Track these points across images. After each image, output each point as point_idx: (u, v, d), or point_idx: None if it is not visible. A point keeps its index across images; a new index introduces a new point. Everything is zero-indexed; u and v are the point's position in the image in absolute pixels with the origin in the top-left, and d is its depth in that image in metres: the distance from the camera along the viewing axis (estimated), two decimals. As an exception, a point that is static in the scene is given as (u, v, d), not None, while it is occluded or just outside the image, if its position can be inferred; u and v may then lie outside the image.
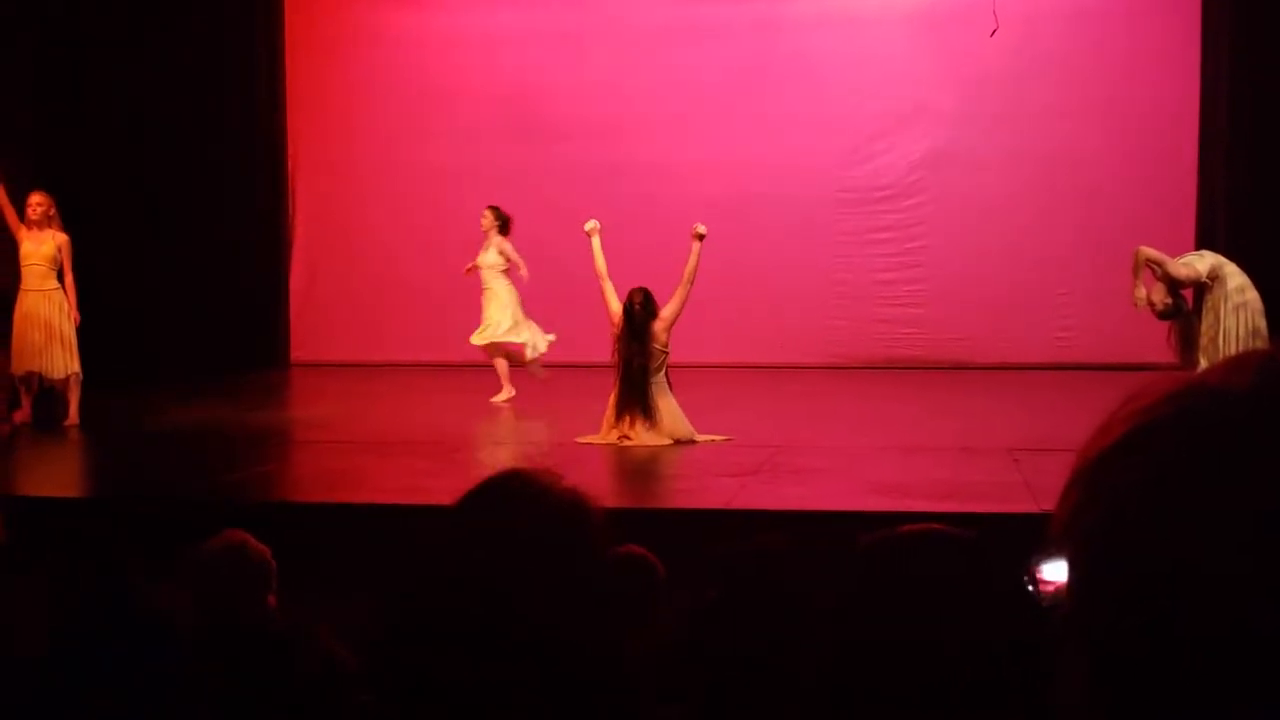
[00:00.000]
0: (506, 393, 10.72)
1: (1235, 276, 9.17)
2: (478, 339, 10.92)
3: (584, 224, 9.20)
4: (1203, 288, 9.11)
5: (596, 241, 9.03)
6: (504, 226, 11.00)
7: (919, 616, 1.51)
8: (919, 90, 13.00)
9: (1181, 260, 9.29)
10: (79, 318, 9.63)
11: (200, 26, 12.85)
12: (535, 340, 10.83)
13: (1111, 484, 0.75)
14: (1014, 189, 12.84)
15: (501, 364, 10.86)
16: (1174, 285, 9.18)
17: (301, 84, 13.86)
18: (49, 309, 9.52)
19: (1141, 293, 9.21)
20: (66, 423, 9.49)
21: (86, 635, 2.37)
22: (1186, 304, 9.24)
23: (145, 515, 6.32)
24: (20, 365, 9.48)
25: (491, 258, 10.96)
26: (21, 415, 9.55)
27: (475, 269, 11.03)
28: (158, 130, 12.58)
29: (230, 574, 3.46)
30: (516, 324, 10.86)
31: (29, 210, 9.52)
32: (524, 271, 10.89)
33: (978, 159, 12.89)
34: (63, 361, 9.51)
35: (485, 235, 11.02)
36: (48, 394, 9.70)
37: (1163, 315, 9.25)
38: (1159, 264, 9.15)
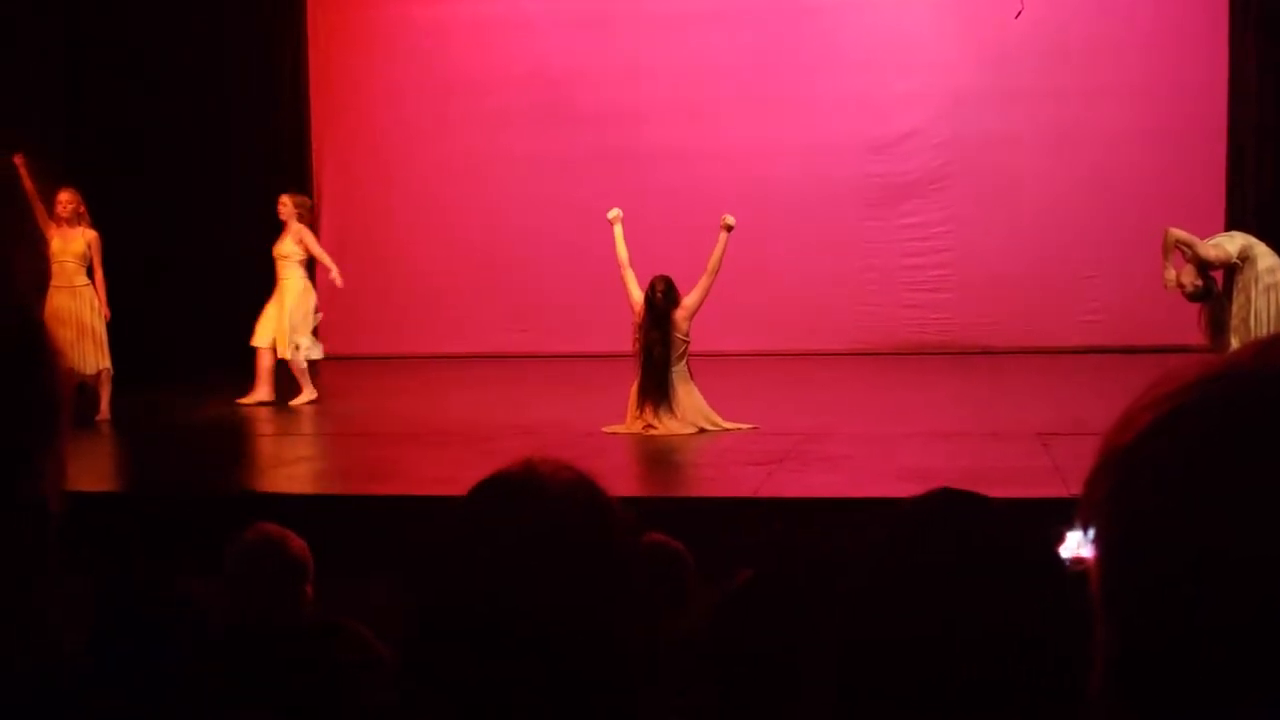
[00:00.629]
0: (308, 394, 10.34)
1: (1266, 257, 9.13)
2: (262, 343, 10.39)
3: (607, 212, 9.22)
4: (1233, 269, 9.08)
5: (619, 230, 9.05)
6: (305, 215, 10.55)
7: (947, 586, 1.52)
8: (945, 73, 12.95)
9: (1211, 241, 9.25)
10: (109, 313, 9.72)
11: (224, 19, 12.91)
12: (309, 349, 10.46)
13: (1142, 470, 0.74)
14: (1041, 171, 12.78)
15: (268, 361, 10.41)
16: (1204, 266, 9.15)
17: (324, 75, 13.90)
18: (79, 305, 9.61)
19: (1171, 274, 9.18)
20: (98, 418, 9.58)
21: (125, 631, 2.41)
22: (1217, 285, 9.20)
23: (178, 510, 6.39)
24: None
25: (288, 247, 10.45)
26: None
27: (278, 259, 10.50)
28: (183, 125, 12.65)
29: (269, 567, 3.48)
30: (298, 329, 10.40)
31: (58, 208, 9.61)
32: (335, 275, 10.49)
33: (1004, 141, 12.84)
34: (93, 357, 9.60)
35: (285, 223, 10.52)
36: (80, 390, 9.78)
37: (1193, 297, 9.21)
38: (1189, 245, 9.11)
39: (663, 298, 8.65)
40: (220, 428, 9.55)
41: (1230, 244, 9.20)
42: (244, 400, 10.23)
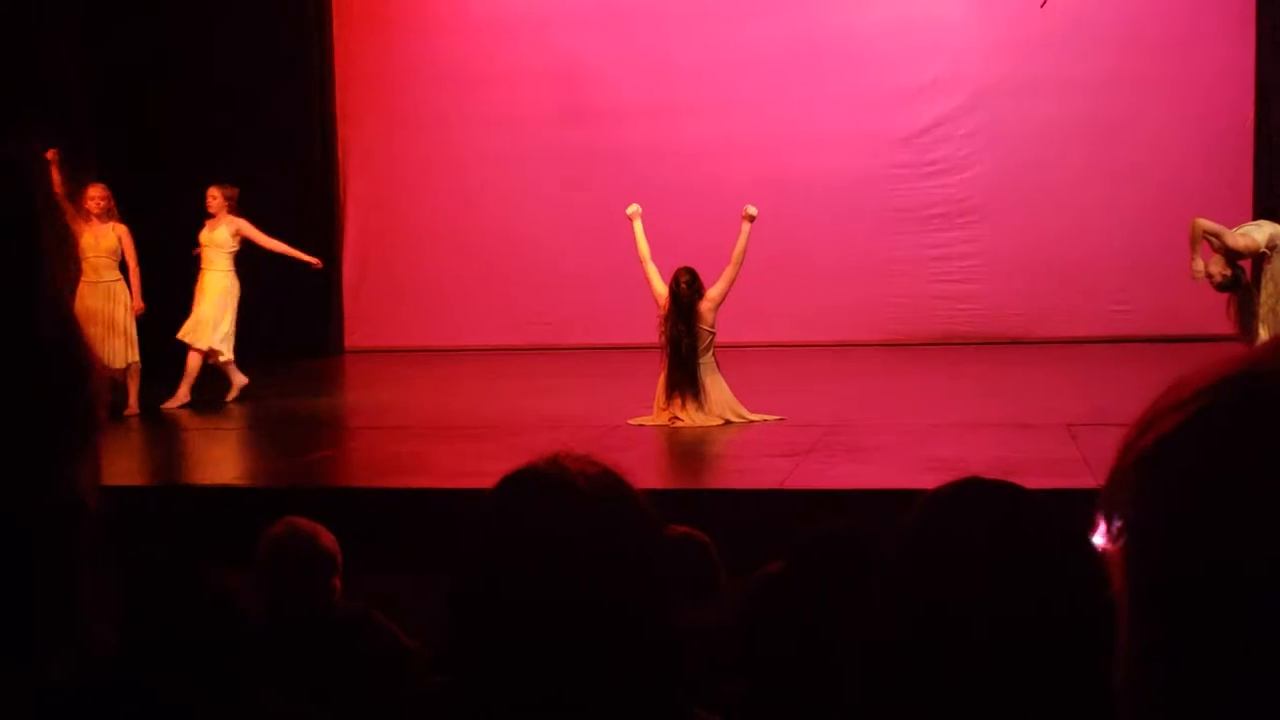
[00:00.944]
0: (182, 399, 10.04)
1: None
2: (190, 338, 10.06)
3: (626, 208, 9.22)
4: (1261, 258, 9.02)
5: (638, 225, 9.05)
6: (234, 207, 10.38)
7: (979, 575, 1.51)
8: (970, 62, 12.91)
9: (1239, 230, 9.19)
10: (143, 306, 9.78)
11: (249, 15, 12.96)
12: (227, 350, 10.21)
13: (1169, 473, 0.74)
14: (1068, 160, 12.72)
15: (195, 362, 10.13)
16: (1232, 256, 9.09)
17: (350, 71, 13.95)
18: (110, 301, 9.68)
19: (1199, 265, 9.12)
20: (126, 412, 9.63)
21: (158, 625, 2.42)
22: (1245, 275, 9.14)
23: (207, 503, 6.43)
24: None
25: (222, 235, 10.25)
26: None
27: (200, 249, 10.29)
28: (208, 121, 12.71)
29: (298, 560, 3.50)
30: (220, 322, 10.17)
31: (88, 203, 9.66)
32: (307, 259, 10.45)
33: (1031, 131, 12.78)
34: (123, 352, 9.66)
35: (215, 215, 10.30)
36: (111, 385, 9.84)
37: (1221, 287, 9.15)
38: (1216, 235, 9.06)
39: (687, 289, 8.65)
40: (247, 421, 9.59)
41: (1258, 233, 9.13)
42: (167, 405, 9.93)
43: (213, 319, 10.17)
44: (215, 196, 10.37)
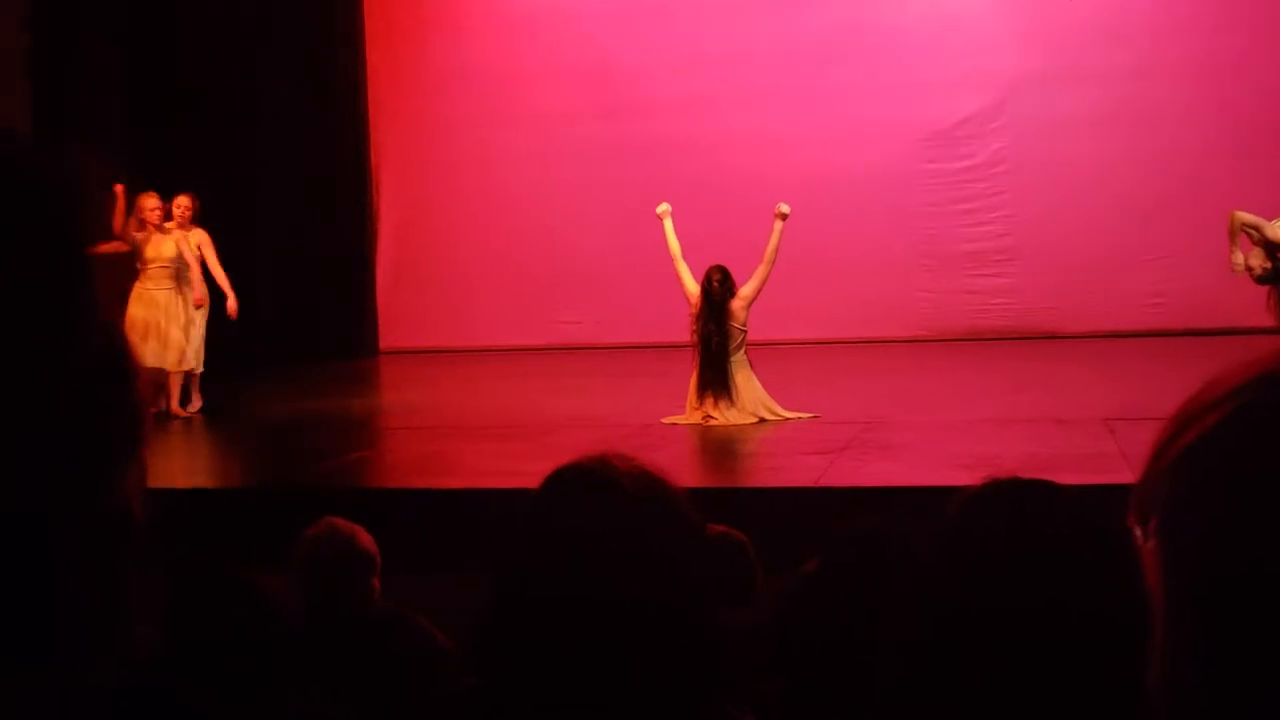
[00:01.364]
0: (196, 404, 9.87)
1: None
2: (162, 363, 9.52)
3: (656, 208, 9.21)
4: None
5: (669, 224, 9.04)
6: (199, 217, 9.93)
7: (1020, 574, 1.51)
8: (1001, 56, 12.85)
9: (1278, 222, 9.12)
10: (235, 302, 9.88)
11: (281, 19, 13.03)
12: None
13: (1206, 474, 0.73)
14: (1102, 152, 12.64)
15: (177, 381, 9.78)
16: (1271, 248, 9.01)
17: (382, 73, 14.01)
18: (152, 309, 9.74)
19: (1239, 258, 9.05)
20: (180, 412, 9.69)
21: (200, 627, 2.45)
22: None
23: (245, 504, 6.46)
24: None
25: (180, 248, 9.79)
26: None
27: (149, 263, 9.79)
28: (242, 125, 12.80)
29: (338, 561, 3.52)
30: (194, 341, 9.80)
31: (146, 214, 9.70)
32: (230, 301, 9.86)
33: (1063, 124, 12.71)
34: (159, 355, 9.70)
35: (184, 225, 9.84)
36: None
37: (1261, 279, 9.08)
38: (1255, 228, 8.99)
39: (719, 287, 8.64)
40: (287, 422, 9.64)
41: None
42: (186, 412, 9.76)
43: (181, 341, 9.76)
44: (186, 206, 9.89)
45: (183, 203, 9.88)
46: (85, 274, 0.61)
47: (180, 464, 8.54)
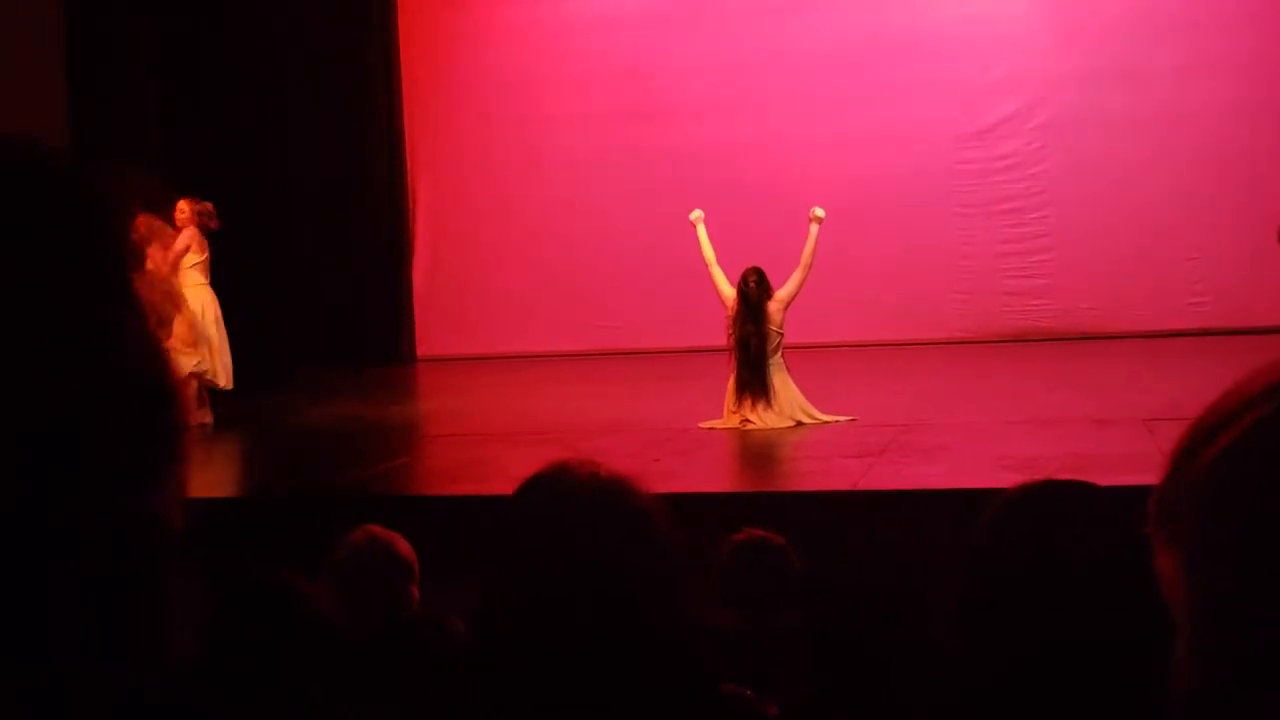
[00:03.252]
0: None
1: None
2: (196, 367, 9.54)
3: (689, 214, 9.21)
4: None
5: (702, 230, 9.04)
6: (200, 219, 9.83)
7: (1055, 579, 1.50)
8: (1040, 55, 12.78)
9: None
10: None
11: (317, 26, 13.11)
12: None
13: (1243, 481, 0.71)
14: (1140, 151, 12.55)
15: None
16: None
17: (417, 78, 14.06)
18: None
19: None
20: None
21: (244, 634, 2.47)
22: None
23: (283, 512, 6.50)
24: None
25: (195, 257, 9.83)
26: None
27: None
28: (278, 132, 12.88)
29: (377, 569, 3.54)
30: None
31: (177, 215, 9.83)
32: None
33: (1102, 122, 12.63)
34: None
35: (180, 229, 9.77)
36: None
37: None
38: None
39: (756, 288, 8.62)
40: (325, 430, 9.69)
41: None
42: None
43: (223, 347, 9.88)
44: (184, 209, 9.85)
45: (180, 206, 9.85)
46: (123, 287, 0.61)
47: (219, 473, 8.60)
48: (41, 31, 10.75)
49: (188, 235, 9.84)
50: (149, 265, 9.55)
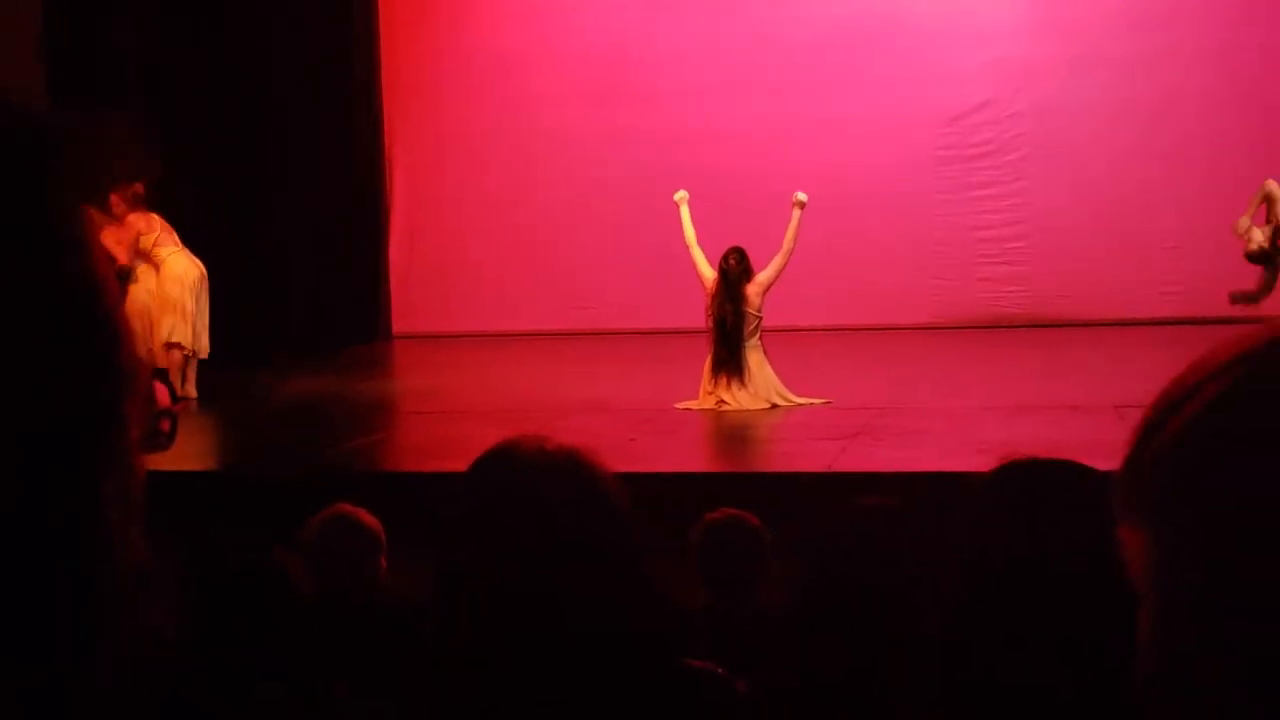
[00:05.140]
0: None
1: None
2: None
3: (673, 194, 9.20)
4: None
5: (685, 210, 9.03)
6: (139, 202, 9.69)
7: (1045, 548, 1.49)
8: (1018, 44, 12.80)
9: None
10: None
11: (297, 9, 13.02)
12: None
13: (1208, 452, 0.70)
14: (1116, 140, 12.60)
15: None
16: (1278, 231, 9.01)
17: (397, 56, 13.98)
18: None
19: (1245, 222, 9.06)
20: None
21: (221, 603, 2.48)
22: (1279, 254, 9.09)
23: (260, 486, 6.47)
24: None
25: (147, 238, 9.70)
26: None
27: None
28: (259, 116, 12.77)
29: (345, 544, 3.60)
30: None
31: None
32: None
33: (1078, 112, 12.66)
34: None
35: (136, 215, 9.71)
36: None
37: (1252, 256, 9.08)
38: (1272, 203, 8.99)
39: (736, 266, 8.63)
40: (293, 407, 9.65)
41: None
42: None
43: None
44: (119, 203, 9.70)
45: (115, 200, 9.69)
46: (73, 246, 0.58)
47: (198, 446, 8.56)
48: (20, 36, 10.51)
49: (132, 220, 9.71)
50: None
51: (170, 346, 9.67)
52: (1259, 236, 9.03)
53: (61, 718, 0.58)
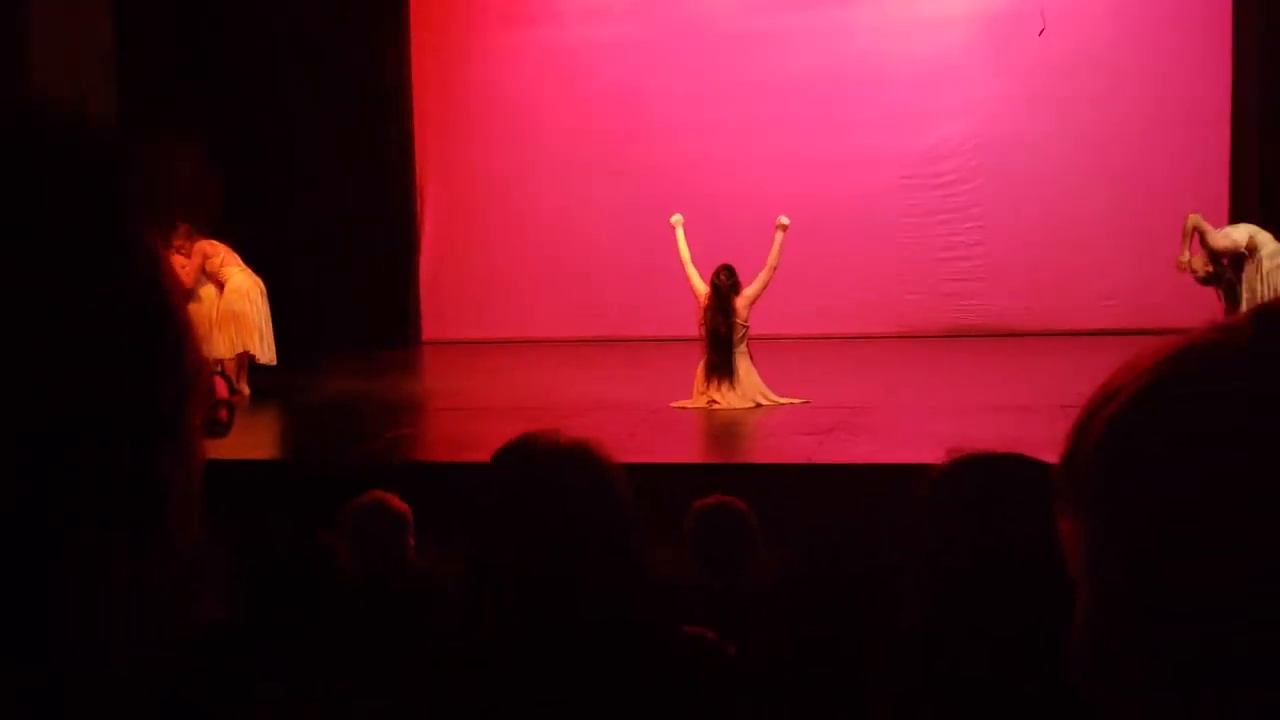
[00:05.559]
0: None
1: (1269, 244, 9.00)
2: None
3: (670, 218, 9.20)
4: (1241, 257, 8.93)
5: (680, 233, 9.05)
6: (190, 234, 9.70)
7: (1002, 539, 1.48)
8: (974, 85, 12.83)
9: (1221, 232, 9.11)
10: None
11: (335, 30, 12.99)
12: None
13: (1128, 443, 0.68)
14: (1061, 171, 12.64)
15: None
16: (1214, 255, 8.99)
17: (428, 92, 14.00)
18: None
19: (1185, 257, 9.05)
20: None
21: (274, 579, 2.47)
22: (1227, 272, 9.05)
23: (306, 474, 6.47)
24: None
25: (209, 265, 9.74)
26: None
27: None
28: (304, 140, 12.78)
29: (377, 525, 3.59)
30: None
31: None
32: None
33: (1028, 145, 12.70)
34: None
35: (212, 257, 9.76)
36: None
37: (1205, 280, 9.07)
38: (1202, 233, 8.99)
39: (726, 281, 8.66)
40: (336, 403, 9.65)
41: (1237, 233, 9.05)
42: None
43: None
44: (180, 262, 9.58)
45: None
46: (144, 260, 0.57)
47: (252, 438, 8.56)
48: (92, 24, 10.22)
49: (200, 246, 9.74)
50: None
51: (231, 352, 9.71)
52: (1199, 264, 9.03)
53: (127, 678, 0.57)
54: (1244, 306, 8.65)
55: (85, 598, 0.55)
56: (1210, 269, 8.96)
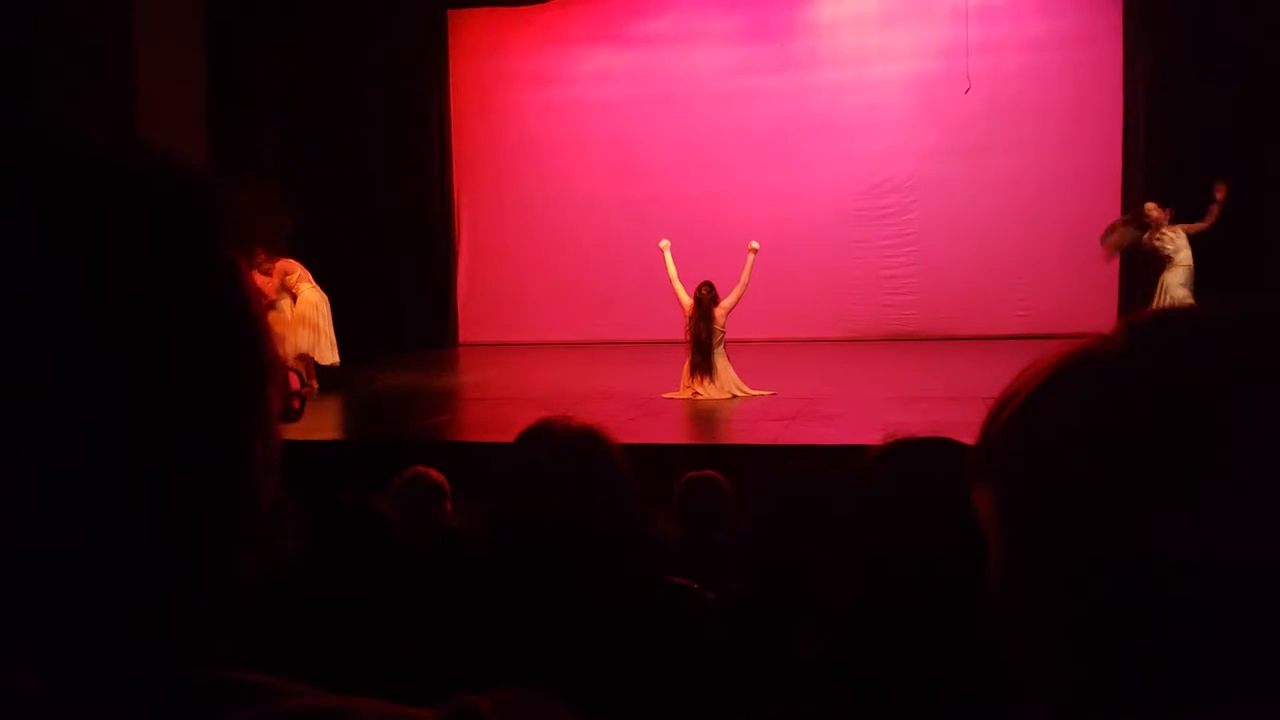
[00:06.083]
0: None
1: (1185, 262, 9.08)
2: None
3: (659, 242, 9.19)
4: (1165, 258, 9.02)
5: (668, 255, 9.04)
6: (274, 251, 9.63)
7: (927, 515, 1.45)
8: (912, 134, 12.85)
9: (1169, 235, 9.22)
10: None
11: (388, 86, 12.93)
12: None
13: (1026, 434, 0.67)
14: (984, 205, 12.68)
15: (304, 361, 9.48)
16: (1147, 249, 9.04)
17: (463, 133, 13.99)
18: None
19: (1111, 240, 9.09)
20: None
21: (334, 534, 2.47)
22: (1147, 254, 9.14)
23: (362, 451, 6.47)
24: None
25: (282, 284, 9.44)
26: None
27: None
28: (355, 168, 12.72)
29: (419, 494, 3.58)
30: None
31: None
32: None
33: (957, 182, 12.75)
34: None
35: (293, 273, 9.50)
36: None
37: (1107, 237, 9.12)
38: (1155, 224, 9.05)
39: (708, 294, 8.67)
40: (386, 393, 9.64)
41: (1179, 239, 9.16)
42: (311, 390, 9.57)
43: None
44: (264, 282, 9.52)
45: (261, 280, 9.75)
46: (230, 275, 0.57)
47: (318, 423, 8.54)
48: (186, 75, 10.04)
49: (280, 265, 9.69)
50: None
51: (302, 353, 9.69)
52: (1122, 235, 9.08)
53: (218, 613, 0.58)
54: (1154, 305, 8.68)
55: (217, 531, 0.56)
56: (1126, 241, 8.97)
